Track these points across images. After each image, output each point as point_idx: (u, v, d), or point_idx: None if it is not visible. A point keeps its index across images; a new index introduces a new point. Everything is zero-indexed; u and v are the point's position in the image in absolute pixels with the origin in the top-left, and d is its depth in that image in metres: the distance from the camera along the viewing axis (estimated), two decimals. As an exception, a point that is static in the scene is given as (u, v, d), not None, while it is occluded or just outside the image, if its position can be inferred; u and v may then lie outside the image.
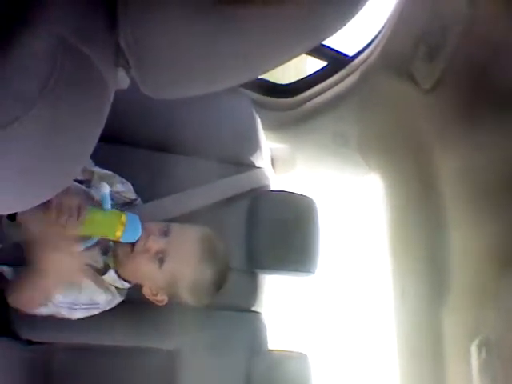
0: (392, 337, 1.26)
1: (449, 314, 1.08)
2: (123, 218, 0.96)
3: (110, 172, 1.10)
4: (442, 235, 1.12)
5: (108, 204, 0.99)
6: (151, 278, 1.00)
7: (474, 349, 0.94)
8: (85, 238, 0.97)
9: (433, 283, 1.14)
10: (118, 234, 0.95)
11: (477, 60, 0.98)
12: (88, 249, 0.99)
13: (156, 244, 0.98)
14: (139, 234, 0.97)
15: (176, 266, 0.99)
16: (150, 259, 0.98)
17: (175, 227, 1.02)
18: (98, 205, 1.00)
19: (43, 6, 0.46)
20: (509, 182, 0.94)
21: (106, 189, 1.00)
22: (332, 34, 0.57)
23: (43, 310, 0.94)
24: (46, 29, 0.45)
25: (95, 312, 1.01)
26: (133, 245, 0.98)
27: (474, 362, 0.94)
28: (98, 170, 1.08)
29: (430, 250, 1.16)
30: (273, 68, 0.60)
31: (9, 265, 0.98)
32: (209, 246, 1.02)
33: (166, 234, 1.00)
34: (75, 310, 0.98)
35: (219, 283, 1.04)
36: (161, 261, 0.98)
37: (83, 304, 0.99)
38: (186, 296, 1.02)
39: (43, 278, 0.92)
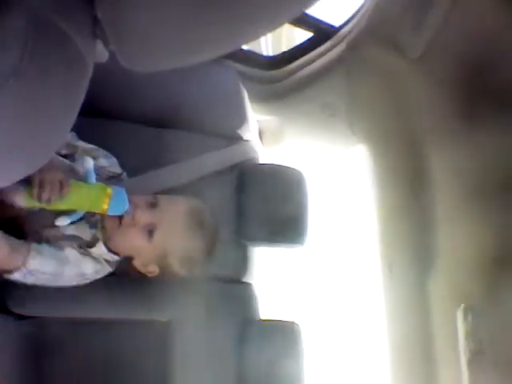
0: (380, 307, 1.28)
1: (435, 283, 1.10)
2: (109, 190, 0.95)
3: (93, 146, 1.08)
4: (429, 208, 1.14)
5: (93, 178, 0.99)
6: (141, 250, 1.01)
7: (460, 313, 0.97)
8: (70, 213, 0.97)
9: (420, 256, 1.16)
10: (104, 206, 0.94)
11: (473, 58, 0.98)
12: (74, 222, 0.99)
13: (144, 217, 0.98)
14: (126, 207, 0.96)
15: (165, 237, 0.99)
16: (138, 232, 0.98)
17: (163, 199, 1.02)
18: (83, 179, 1.00)
19: None
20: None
21: (89, 163, 0.99)
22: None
23: (17, 276, 0.93)
24: (18, 5, 0.45)
25: (85, 282, 1.01)
26: (120, 218, 0.98)
27: (460, 325, 0.96)
28: (81, 144, 1.07)
29: (417, 224, 1.17)
30: (254, 39, 0.59)
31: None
32: (197, 216, 1.03)
33: (153, 206, 1.00)
34: (54, 279, 0.97)
35: (209, 252, 1.05)
36: (150, 233, 0.98)
37: (68, 275, 0.99)
38: (177, 267, 1.03)
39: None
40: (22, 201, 0.93)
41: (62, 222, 0.96)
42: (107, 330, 1.12)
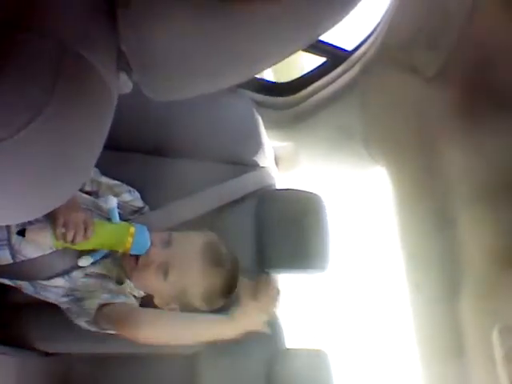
0: (409, 330, 1.25)
1: (466, 303, 1.07)
2: (132, 229, 0.96)
3: (117, 182, 1.09)
4: (453, 225, 1.11)
5: (116, 217, 0.99)
6: (158, 290, 1.00)
7: (495, 336, 0.93)
8: (92, 252, 0.97)
9: (447, 274, 1.13)
10: (128, 246, 0.95)
11: (476, 58, 0.98)
12: (98, 261, 0.99)
13: (158, 256, 0.97)
14: (148, 245, 0.97)
15: (181, 276, 0.98)
16: (153, 272, 0.97)
17: (177, 236, 1.01)
18: (107, 217, 1.00)
19: (44, 14, 0.46)
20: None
21: (113, 202, 1.00)
22: (330, 27, 0.57)
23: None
24: (49, 37, 0.45)
25: None
26: (137, 258, 0.97)
27: (497, 347, 0.93)
28: (105, 180, 1.08)
29: (442, 242, 1.15)
30: (272, 64, 0.60)
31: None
32: (212, 252, 1.01)
33: (168, 243, 0.99)
34: None
35: (230, 286, 1.03)
36: (165, 273, 0.97)
37: None
38: (199, 303, 1.01)
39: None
40: (49, 241, 0.93)
41: (84, 262, 0.96)
42: (133, 366, 1.10)
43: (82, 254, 0.96)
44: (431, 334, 1.19)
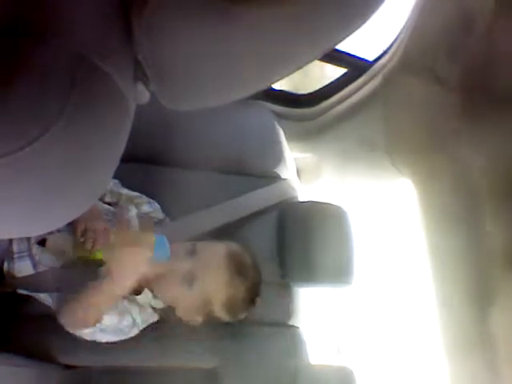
0: (438, 345, 1.21)
1: (497, 316, 1.03)
2: (151, 238, 0.95)
3: (137, 193, 1.10)
4: (481, 235, 1.08)
5: (136, 227, 1.00)
6: (182, 299, 0.99)
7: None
8: None
9: (476, 286, 1.09)
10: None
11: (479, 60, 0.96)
12: None
13: (183, 266, 0.97)
14: (168, 255, 0.96)
15: (206, 286, 0.98)
16: (178, 281, 0.97)
17: (201, 246, 1.01)
18: (126, 227, 1.00)
19: (60, 24, 0.46)
20: None
21: (132, 211, 1.01)
22: (349, 33, 0.56)
23: (86, 331, 0.94)
24: (63, 47, 0.45)
25: (134, 333, 1.00)
26: (160, 267, 0.97)
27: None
28: (125, 191, 1.09)
29: (470, 252, 1.12)
30: (293, 71, 0.59)
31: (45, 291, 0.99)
32: (237, 262, 1.00)
33: (192, 253, 0.99)
34: (116, 333, 0.97)
35: (253, 297, 1.03)
36: (190, 282, 0.97)
37: (126, 326, 0.98)
38: (221, 314, 1.00)
39: (95, 299, 0.91)
40: (70, 250, 0.94)
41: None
42: (152, 379, 1.09)
43: (102, 264, 0.96)
44: (461, 348, 1.15)
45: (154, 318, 1.02)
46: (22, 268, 0.95)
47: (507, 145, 1.01)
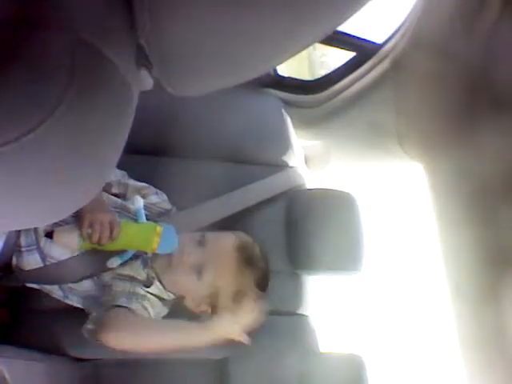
0: (450, 332, 1.19)
1: (508, 303, 1.01)
2: (158, 229, 0.95)
3: (144, 184, 1.09)
4: (494, 223, 1.06)
5: (143, 217, 0.99)
6: (191, 289, 0.99)
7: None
8: (120, 253, 0.96)
9: (488, 274, 1.07)
10: (154, 246, 0.94)
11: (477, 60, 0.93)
12: (127, 262, 0.98)
13: (192, 256, 0.97)
14: (176, 245, 0.96)
15: (215, 276, 0.98)
16: (187, 272, 0.97)
17: (210, 236, 1.01)
18: (134, 218, 1.00)
19: (60, 8, 0.45)
20: None
21: (139, 202, 1.00)
22: (354, 11, 0.53)
23: None
24: (64, 31, 0.44)
25: None
26: (170, 257, 0.96)
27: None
28: (132, 182, 1.08)
29: (482, 241, 1.10)
30: (298, 51, 0.57)
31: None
32: (246, 252, 1.01)
33: (201, 244, 0.99)
34: None
35: (262, 287, 1.02)
36: (199, 272, 0.97)
37: None
38: (229, 304, 1.00)
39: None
40: (77, 242, 0.93)
41: (113, 263, 0.96)
42: (162, 370, 1.09)
43: (111, 255, 0.96)
44: (474, 336, 1.13)
45: (165, 311, 1.01)
46: (31, 261, 0.95)
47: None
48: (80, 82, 0.43)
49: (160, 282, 1.00)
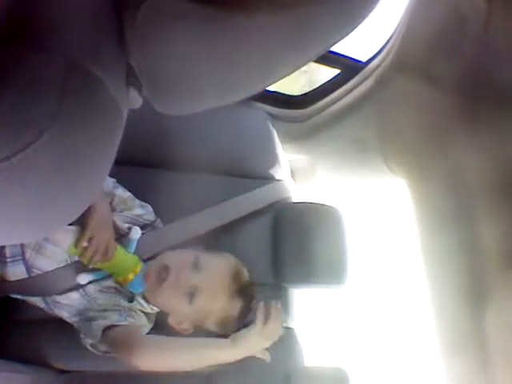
0: (433, 344, 1.21)
1: (490, 314, 1.03)
2: (139, 267, 0.98)
3: (130, 194, 1.09)
4: (474, 235, 1.08)
5: (133, 248, 1.00)
6: (180, 311, 0.99)
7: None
8: (96, 270, 0.97)
9: (471, 287, 1.09)
10: (130, 277, 0.97)
11: (477, 59, 0.96)
12: (98, 281, 0.98)
13: (188, 280, 0.97)
14: (141, 290, 0.98)
15: (207, 302, 0.98)
16: (180, 295, 0.97)
17: (205, 260, 1.00)
18: (123, 242, 1.00)
19: (50, 29, 0.45)
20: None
21: (137, 234, 1.01)
22: (342, 37, 0.55)
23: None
24: (54, 52, 0.45)
25: None
26: (163, 277, 0.97)
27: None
28: (119, 192, 1.08)
29: (463, 252, 1.12)
30: (283, 75, 0.58)
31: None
32: (240, 281, 1.01)
33: (196, 266, 0.99)
34: None
35: (245, 313, 1.03)
36: (191, 296, 0.96)
37: None
38: (212, 327, 1.01)
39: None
40: (66, 244, 0.94)
41: (82, 279, 0.97)
42: (150, 382, 1.08)
43: (86, 270, 0.96)
44: (455, 347, 1.15)
45: (148, 326, 1.01)
46: (15, 272, 0.95)
47: (502, 144, 1.02)
48: (70, 104, 0.44)
49: (143, 296, 1.00)
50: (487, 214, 1.06)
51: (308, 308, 1.39)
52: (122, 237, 1.02)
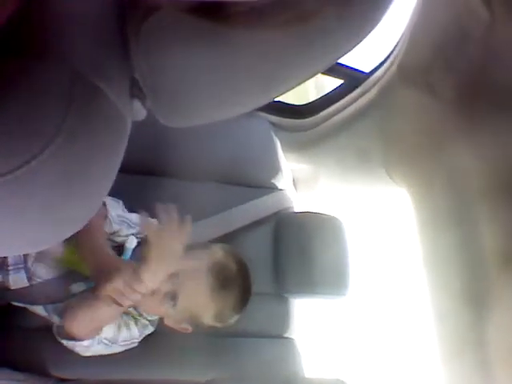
0: (433, 348, 1.20)
1: (490, 317, 1.03)
2: None
3: (115, 199, 1.07)
4: (474, 240, 1.08)
5: (127, 256, 1.00)
6: (168, 315, 0.98)
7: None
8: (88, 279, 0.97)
9: (473, 300, 1.09)
10: None
11: (479, 67, 0.96)
12: None
13: (164, 285, 0.92)
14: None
15: (190, 302, 0.95)
16: (160, 300, 0.94)
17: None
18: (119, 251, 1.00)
19: (56, 41, 0.46)
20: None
21: (132, 244, 1.00)
22: (348, 50, 0.56)
23: (85, 343, 0.92)
24: (59, 64, 0.45)
25: (133, 346, 0.99)
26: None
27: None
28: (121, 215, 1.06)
29: (464, 257, 1.12)
30: (288, 90, 0.59)
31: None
32: (222, 275, 0.96)
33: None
34: (111, 346, 0.96)
35: (243, 302, 1.00)
36: (173, 299, 0.94)
37: (123, 340, 0.97)
38: (211, 322, 0.99)
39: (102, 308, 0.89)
40: (58, 253, 0.94)
41: (76, 287, 0.97)
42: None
43: (81, 279, 0.96)
44: (455, 350, 1.15)
45: (150, 329, 1.01)
46: (17, 280, 0.95)
47: (503, 148, 1.02)
48: (76, 116, 0.44)
49: (134, 308, 1.00)
50: (488, 216, 1.06)
51: (309, 318, 1.38)
52: (113, 243, 1.01)
